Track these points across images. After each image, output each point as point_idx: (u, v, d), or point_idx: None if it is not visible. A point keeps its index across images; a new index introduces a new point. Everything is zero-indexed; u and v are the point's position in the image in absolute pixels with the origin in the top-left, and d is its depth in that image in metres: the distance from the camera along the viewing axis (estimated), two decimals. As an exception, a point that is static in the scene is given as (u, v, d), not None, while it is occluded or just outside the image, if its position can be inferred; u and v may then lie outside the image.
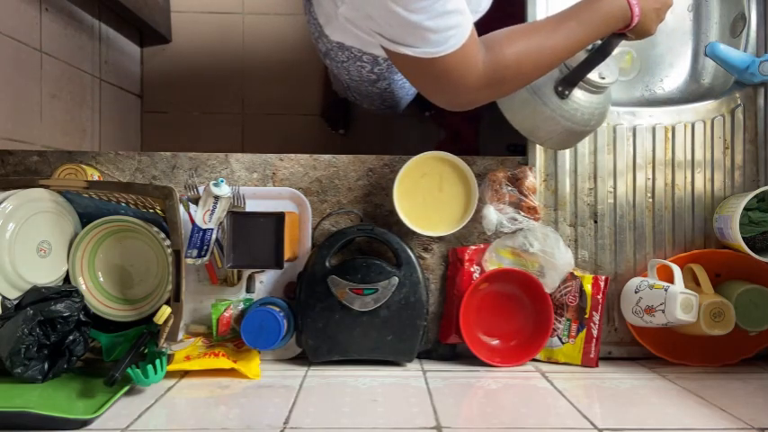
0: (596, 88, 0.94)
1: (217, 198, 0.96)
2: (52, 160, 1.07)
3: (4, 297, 0.90)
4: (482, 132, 1.79)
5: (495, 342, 1.06)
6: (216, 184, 0.96)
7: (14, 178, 1.04)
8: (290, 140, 1.95)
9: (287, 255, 0.96)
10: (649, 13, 0.84)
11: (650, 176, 1.11)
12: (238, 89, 1.98)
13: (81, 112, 1.60)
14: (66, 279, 0.97)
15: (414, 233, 1.02)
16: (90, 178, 1.01)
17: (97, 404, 0.80)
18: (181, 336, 1.00)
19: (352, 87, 1.24)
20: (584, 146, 1.10)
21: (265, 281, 1.06)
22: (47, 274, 0.95)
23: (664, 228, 1.11)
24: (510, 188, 1.05)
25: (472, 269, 1.05)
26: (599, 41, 0.89)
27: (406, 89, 1.24)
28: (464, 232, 1.08)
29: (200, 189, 1.00)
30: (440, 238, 1.09)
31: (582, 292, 1.05)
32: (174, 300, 0.92)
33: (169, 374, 0.92)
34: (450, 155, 1.02)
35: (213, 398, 0.88)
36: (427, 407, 0.82)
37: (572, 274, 1.06)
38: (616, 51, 0.91)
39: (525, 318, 1.06)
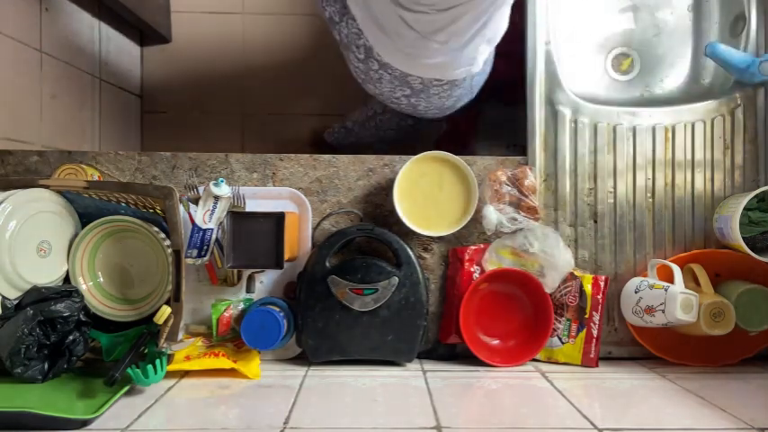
0: None
1: (217, 198, 0.96)
2: (52, 160, 1.07)
3: (4, 297, 0.90)
4: (482, 132, 1.78)
5: (495, 342, 1.06)
6: (216, 184, 0.96)
7: (14, 178, 1.04)
8: (290, 140, 1.95)
9: (287, 255, 0.96)
10: None
11: (650, 176, 1.11)
12: (238, 89, 1.97)
13: (81, 112, 1.60)
14: (67, 279, 0.97)
15: (414, 233, 1.02)
16: (90, 178, 1.01)
17: (97, 404, 0.80)
18: (181, 336, 1.00)
19: (375, 95, 1.17)
20: (585, 146, 1.10)
21: (265, 281, 1.06)
22: (47, 274, 0.95)
23: (664, 228, 1.10)
24: (510, 188, 1.05)
25: (472, 269, 1.05)
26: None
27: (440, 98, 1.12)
28: (464, 232, 1.07)
29: (200, 189, 0.99)
30: (440, 238, 1.09)
31: (582, 292, 1.05)
32: (174, 300, 0.92)
33: (169, 374, 0.92)
34: (450, 155, 1.02)
35: (213, 398, 0.88)
36: (427, 407, 0.82)
37: (572, 274, 1.06)
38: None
39: (525, 318, 1.06)
